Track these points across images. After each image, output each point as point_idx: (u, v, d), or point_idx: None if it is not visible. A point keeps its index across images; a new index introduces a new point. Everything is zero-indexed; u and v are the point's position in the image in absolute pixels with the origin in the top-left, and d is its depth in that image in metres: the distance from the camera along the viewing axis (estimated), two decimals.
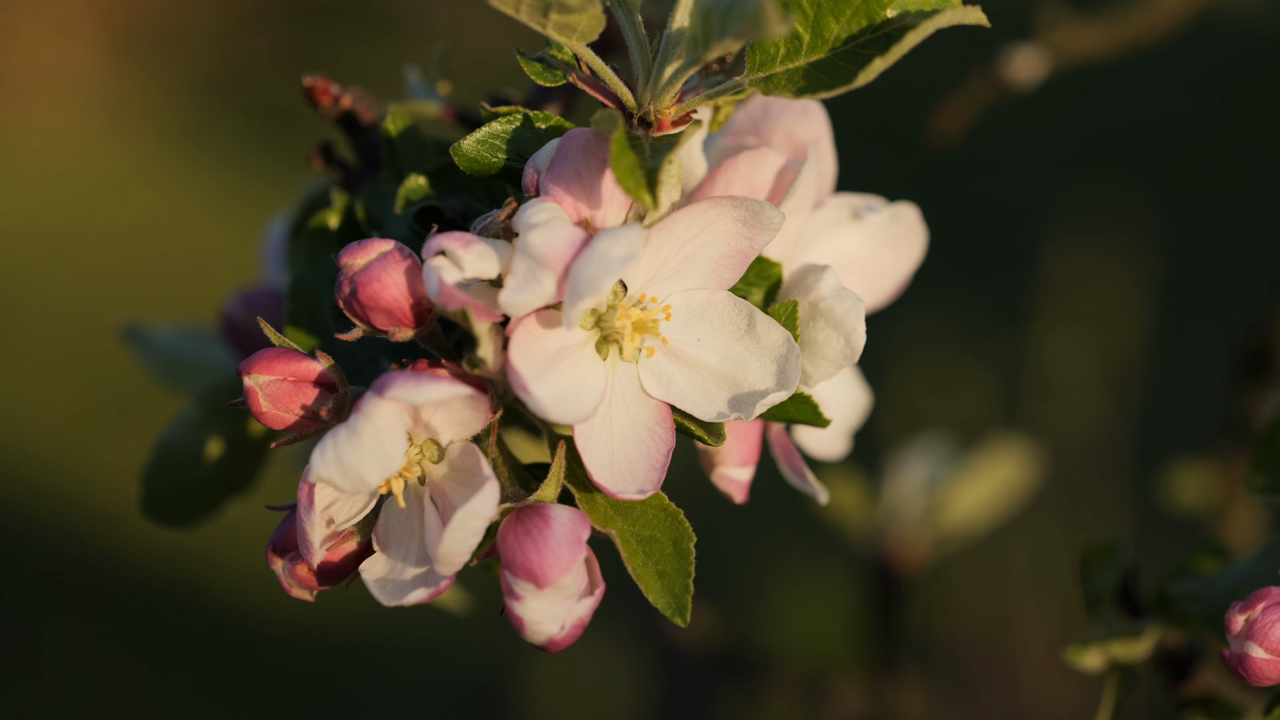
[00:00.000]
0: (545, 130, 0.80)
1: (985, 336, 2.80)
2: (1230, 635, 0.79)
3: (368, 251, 0.76)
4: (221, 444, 0.93)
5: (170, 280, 3.26)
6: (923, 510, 1.37)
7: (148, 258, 3.33)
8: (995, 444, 1.40)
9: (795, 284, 0.81)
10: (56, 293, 3.27)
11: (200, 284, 3.16)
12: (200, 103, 3.70)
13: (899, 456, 1.40)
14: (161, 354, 1.00)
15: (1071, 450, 2.48)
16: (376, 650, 2.64)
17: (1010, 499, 1.40)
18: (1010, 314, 2.83)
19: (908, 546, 1.36)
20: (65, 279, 3.33)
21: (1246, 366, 1.32)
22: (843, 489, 1.38)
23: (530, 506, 0.76)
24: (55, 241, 3.41)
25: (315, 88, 0.87)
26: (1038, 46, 1.19)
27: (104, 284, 3.29)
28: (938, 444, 1.41)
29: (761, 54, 0.78)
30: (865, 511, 1.38)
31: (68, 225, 3.45)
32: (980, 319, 2.86)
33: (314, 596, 0.80)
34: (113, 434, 2.93)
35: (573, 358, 0.76)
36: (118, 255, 3.36)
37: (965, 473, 1.38)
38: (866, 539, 1.38)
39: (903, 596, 1.37)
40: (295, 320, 0.85)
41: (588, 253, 0.73)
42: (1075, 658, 0.89)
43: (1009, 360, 2.70)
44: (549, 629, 0.76)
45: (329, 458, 0.73)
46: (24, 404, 3.01)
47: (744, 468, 0.83)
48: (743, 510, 0.90)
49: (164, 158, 3.60)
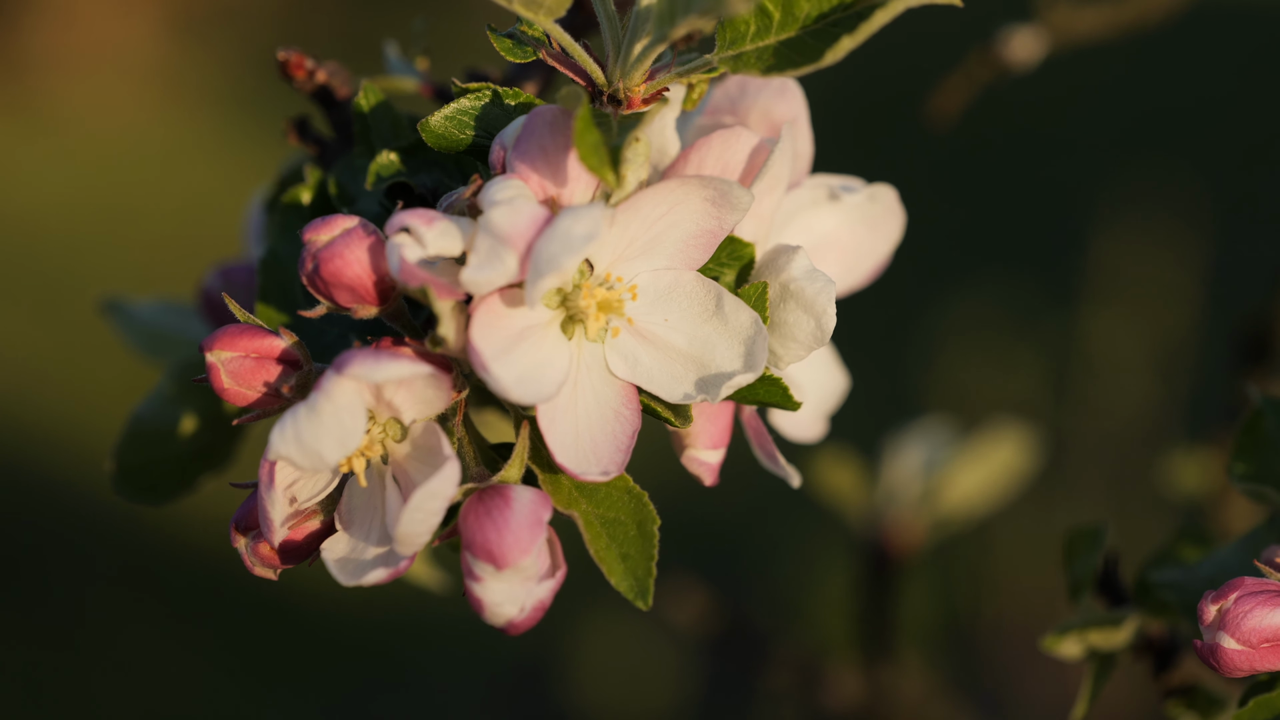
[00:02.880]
0: (515, 107, 0.79)
1: (1035, 319, 2.78)
2: (1203, 625, 0.78)
3: (331, 228, 0.75)
4: (196, 420, 0.92)
5: (225, 254, 3.26)
6: (920, 493, 1.36)
7: (204, 233, 3.33)
8: (995, 428, 1.39)
9: (767, 265, 0.81)
10: (113, 267, 3.27)
11: None
12: (258, 79, 3.69)
13: (898, 440, 1.39)
14: (141, 328, 0.99)
15: (1120, 434, 2.46)
16: (421, 628, 2.64)
17: (1010, 483, 1.38)
18: (1061, 297, 2.82)
19: (905, 530, 1.35)
20: (121, 253, 3.33)
21: (1246, 352, 1.31)
22: (840, 472, 1.37)
23: (492, 487, 0.76)
24: (112, 215, 3.41)
25: (289, 61, 0.87)
26: (1037, 27, 1.18)
27: (160, 258, 3.29)
28: (937, 427, 1.40)
29: (732, 31, 0.77)
30: (863, 494, 1.37)
31: (124, 199, 3.45)
32: (1030, 302, 2.84)
33: (277, 575, 0.79)
34: None
35: (537, 337, 0.75)
36: (174, 230, 3.36)
37: (964, 456, 1.37)
38: (864, 522, 1.37)
39: (899, 580, 1.36)
40: (266, 296, 0.84)
41: (549, 231, 0.72)
42: (1053, 646, 0.88)
43: (1059, 343, 2.69)
44: (508, 611, 0.75)
45: (288, 435, 0.73)
46: (77, 378, 3.02)
47: (714, 450, 0.82)
48: (794, 491, 0.89)
49: (221, 133, 3.60)
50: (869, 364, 2.88)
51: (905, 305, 2.85)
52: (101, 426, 2.91)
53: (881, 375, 2.81)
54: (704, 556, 2.60)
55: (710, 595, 1.45)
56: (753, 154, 0.81)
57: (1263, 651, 0.77)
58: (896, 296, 2.94)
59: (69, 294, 3.20)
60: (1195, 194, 2.94)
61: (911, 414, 1.72)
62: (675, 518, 1.79)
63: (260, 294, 0.84)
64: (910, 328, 2.82)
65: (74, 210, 3.40)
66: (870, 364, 2.88)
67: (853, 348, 3.02)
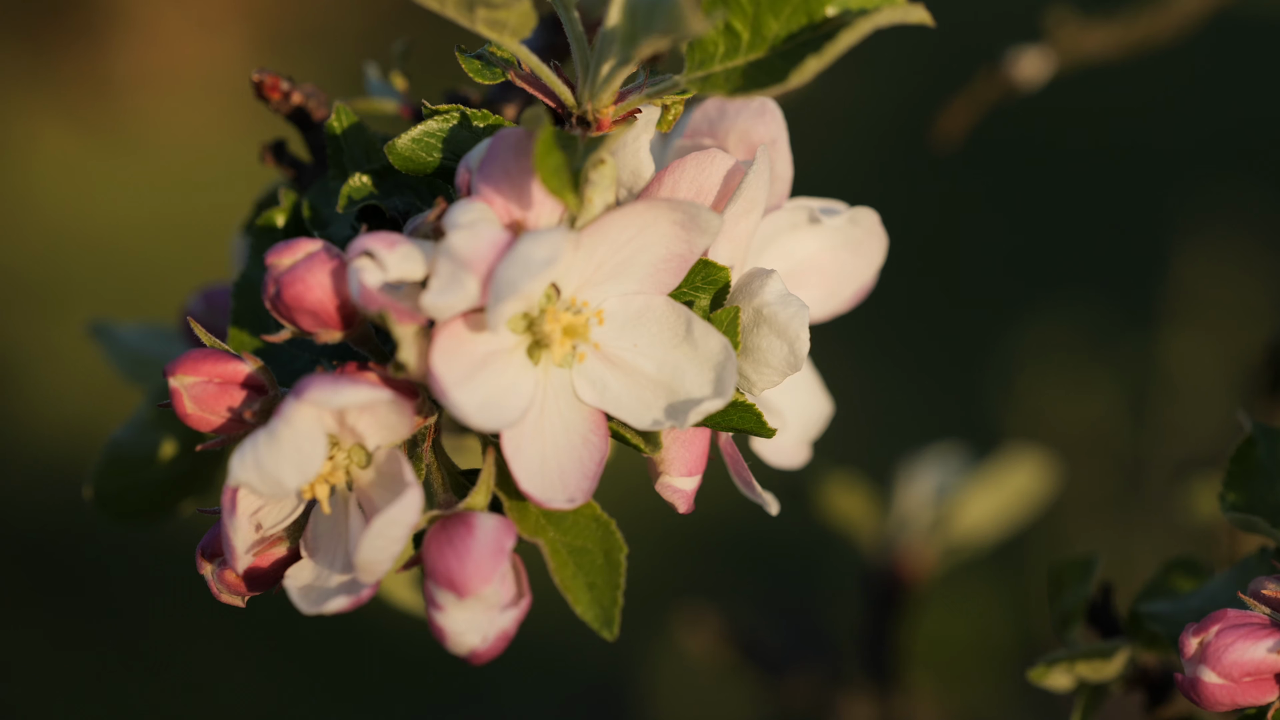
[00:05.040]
0: (483, 129, 0.78)
1: (1114, 341, 2.75)
2: (1184, 658, 0.76)
3: (294, 252, 0.74)
4: (175, 445, 0.92)
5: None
6: (932, 520, 1.34)
7: None
8: (1011, 453, 1.37)
9: (741, 289, 0.79)
10: (191, 286, 3.28)
11: None
12: (344, 98, 3.70)
13: (911, 465, 1.38)
14: (126, 351, 0.99)
15: (1201, 458, 2.43)
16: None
17: (1025, 509, 1.36)
18: (1140, 319, 2.79)
19: (916, 556, 1.34)
20: (200, 272, 3.34)
21: (1273, 378, 1.28)
22: (851, 498, 1.36)
23: (456, 514, 0.75)
24: (192, 235, 3.41)
25: (264, 83, 0.86)
26: (1044, 47, 1.17)
27: None
28: (951, 453, 1.39)
29: (701, 53, 0.75)
30: (875, 520, 1.36)
31: (204, 219, 3.45)
32: (1109, 323, 2.81)
33: (244, 602, 0.78)
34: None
35: (502, 362, 0.74)
36: None
37: (977, 482, 1.35)
38: (876, 548, 1.36)
39: (911, 607, 1.34)
40: (239, 320, 0.83)
41: (509, 255, 0.71)
42: (1040, 678, 0.86)
43: (1137, 365, 2.66)
44: (470, 640, 0.74)
45: (248, 461, 0.72)
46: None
47: (689, 477, 0.80)
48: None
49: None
50: (939, 391, 2.86)
51: (979, 330, 2.83)
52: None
53: (957, 403, 2.79)
54: (777, 575, 2.58)
55: (724, 620, 1.43)
56: (728, 176, 0.79)
57: (1244, 686, 0.75)
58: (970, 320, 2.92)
59: (146, 310, 3.21)
60: (1277, 213, 2.91)
61: (987, 436, 1.70)
62: (744, 536, 1.77)
63: (233, 319, 0.83)
64: (986, 352, 2.79)
65: (156, 230, 3.41)
66: (943, 391, 2.86)
67: (923, 373, 2.98)
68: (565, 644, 2.58)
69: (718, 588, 2.60)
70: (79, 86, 3.69)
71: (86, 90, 3.70)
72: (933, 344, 2.91)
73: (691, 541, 2.60)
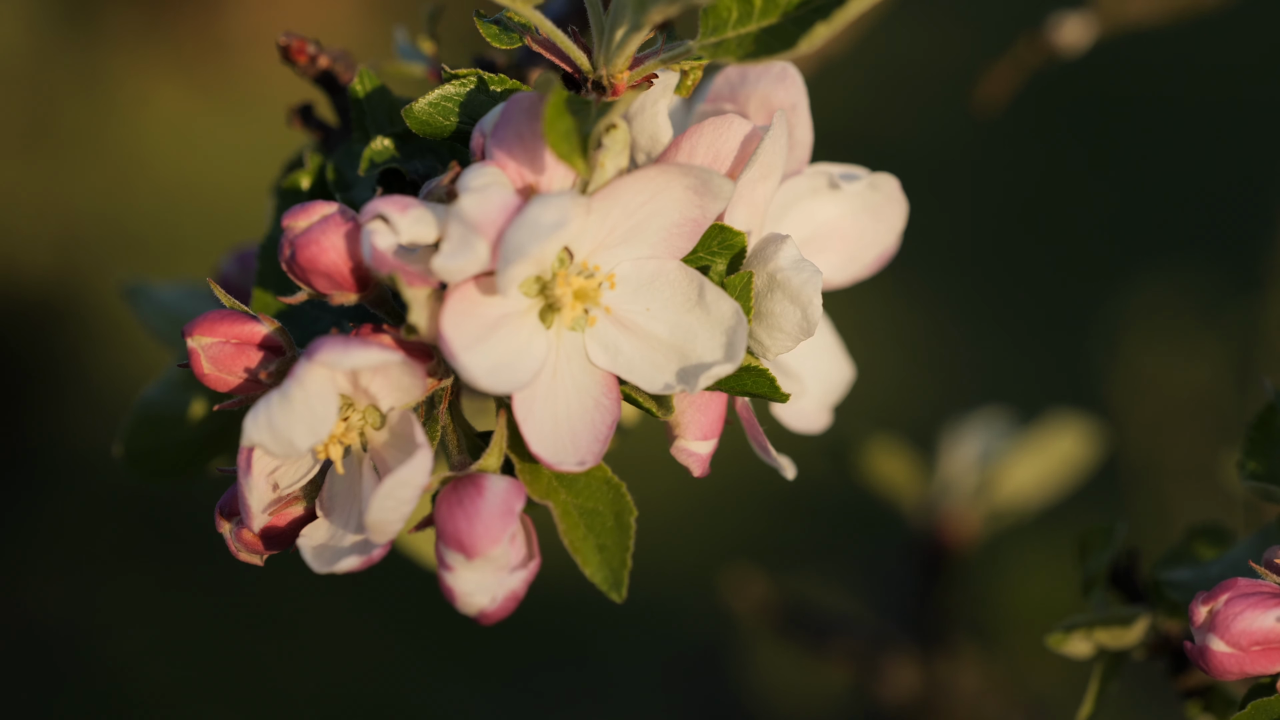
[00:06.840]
0: (500, 94, 0.78)
1: (1220, 305, 2.73)
2: (1193, 626, 0.76)
3: (309, 214, 0.75)
4: (205, 405, 0.93)
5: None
6: (976, 485, 1.34)
7: None
8: (1055, 419, 1.37)
9: (756, 254, 0.79)
10: None
11: None
12: (454, 60, 3.70)
13: (955, 430, 1.37)
14: (162, 312, 1.00)
15: None
16: (600, 608, 2.63)
17: (1070, 474, 1.36)
18: (1246, 283, 2.76)
19: (960, 522, 1.34)
20: None
21: None
22: (894, 463, 1.36)
23: (467, 476, 0.75)
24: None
25: (291, 46, 0.87)
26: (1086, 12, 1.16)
27: None
28: (996, 418, 1.38)
29: (715, 18, 0.76)
30: (918, 485, 1.36)
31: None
32: (1215, 287, 2.78)
33: (263, 561, 0.79)
34: None
35: (513, 325, 0.75)
36: None
37: (1022, 448, 1.35)
38: (920, 514, 1.35)
39: (955, 572, 1.34)
40: (264, 281, 0.84)
41: (518, 219, 0.72)
42: (1058, 644, 0.86)
43: (1243, 330, 2.64)
44: (479, 601, 0.75)
45: (261, 421, 0.73)
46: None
47: (705, 441, 0.81)
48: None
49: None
50: (1046, 354, 2.84)
51: (1083, 294, 2.81)
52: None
53: (1060, 367, 2.77)
54: (878, 541, 2.58)
55: (770, 584, 1.44)
56: (745, 141, 0.79)
57: (1253, 654, 0.75)
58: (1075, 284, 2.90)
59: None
60: None
61: (1093, 402, 1.68)
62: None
63: (258, 279, 0.84)
64: (1090, 317, 2.77)
65: (264, 190, 3.42)
66: (1049, 354, 2.84)
67: (1030, 336, 2.95)
68: (670, 606, 2.59)
69: (826, 553, 2.58)
70: (192, 45, 3.70)
71: (200, 49, 3.71)
72: (1039, 309, 2.89)
73: (798, 505, 2.58)
